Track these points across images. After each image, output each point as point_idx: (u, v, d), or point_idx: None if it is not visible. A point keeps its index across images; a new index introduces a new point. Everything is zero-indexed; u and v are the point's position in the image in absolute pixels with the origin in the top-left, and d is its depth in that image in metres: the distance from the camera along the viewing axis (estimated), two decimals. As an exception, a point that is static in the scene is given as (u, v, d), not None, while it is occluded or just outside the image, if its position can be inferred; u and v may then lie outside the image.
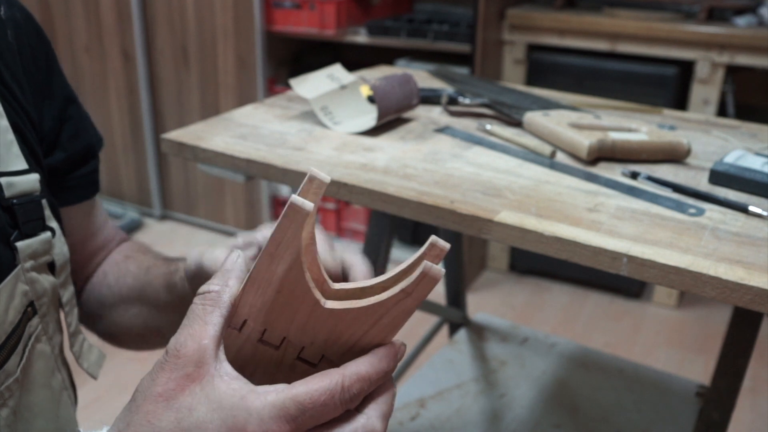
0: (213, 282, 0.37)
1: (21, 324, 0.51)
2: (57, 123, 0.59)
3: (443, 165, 0.83)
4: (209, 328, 0.36)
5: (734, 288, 0.58)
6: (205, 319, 0.36)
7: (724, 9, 1.99)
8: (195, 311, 0.37)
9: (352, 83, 1.01)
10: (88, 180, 0.63)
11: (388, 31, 2.14)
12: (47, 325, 0.55)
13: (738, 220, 0.70)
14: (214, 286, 0.37)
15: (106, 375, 1.81)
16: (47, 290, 0.54)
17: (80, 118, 0.62)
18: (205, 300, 0.37)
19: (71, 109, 0.61)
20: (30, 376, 0.53)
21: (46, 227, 0.54)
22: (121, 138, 2.66)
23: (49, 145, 0.58)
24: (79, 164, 0.61)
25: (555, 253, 0.66)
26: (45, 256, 0.54)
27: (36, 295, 0.53)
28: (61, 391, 0.58)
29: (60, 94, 0.60)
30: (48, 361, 0.55)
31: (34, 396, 0.54)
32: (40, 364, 0.54)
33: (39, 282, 0.53)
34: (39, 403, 0.55)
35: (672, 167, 0.85)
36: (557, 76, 2.10)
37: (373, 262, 1.14)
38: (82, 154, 0.62)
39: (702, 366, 1.92)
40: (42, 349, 0.54)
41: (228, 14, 2.27)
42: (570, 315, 2.16)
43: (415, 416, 1.22)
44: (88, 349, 0.62)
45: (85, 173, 0.62)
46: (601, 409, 1.25)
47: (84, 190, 0.63)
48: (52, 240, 0.54)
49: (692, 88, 1.97)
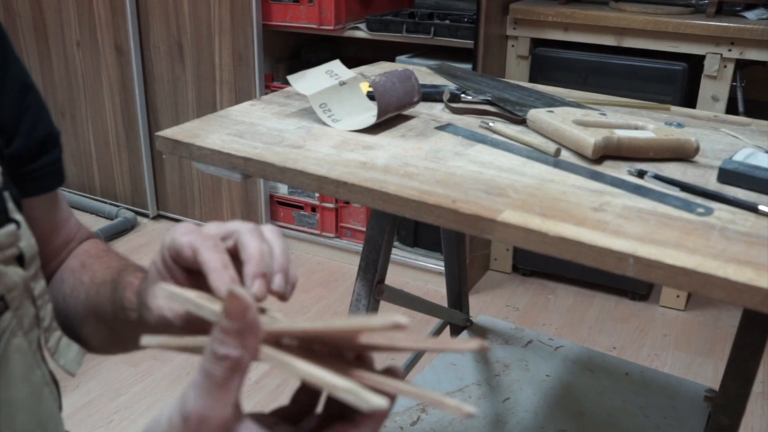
0: (229, 343, 0.34)
1: None
2: (16, 112, 0.58)
3: (445, 163, 0.82)
4: (231, 395, 0.34)
5: (744, 289, 0.57)
6: (226, 387, 0.34)
7: (734, 3, 1.97)
8: (214, 377, 0.34)
9: (351, 80, 0.99)
10: (51, 169, 0.62)
11: (388, 26, 2.13)
12: (21, 319, 0.54)
13: (748, 219, 0.69)
14: (233, 351, 0.34)
15: (97, 379, 1.80)
16: (17, 283, 0.53)
17: (39, 106, 0.61)
18: (225, 367, 0.34)
19: (30, 97, 0.60)
20: (8, 372, 0.53)
21: (10, 219, 0.53)
22: (115, 135, 2.64)
23: (9, 135, 0.57)
24: (41, 153, 0.60)
25: (559, 254, 0.65)
26: (11, 249, 0.53)
27: (6, 289, 0.52)
28: (42, 386, 0.57)
29: (18, 83, 0.59)
30: (26, 356, 0.55)
31: (13, 391, 0.53)
32: (18, 359, 0.54)
33: (7, 275, 0.52)
34: (19, 398, 0.54)
35: (680, 166, 0.84)
36: (562, 72, 2.07)
37: (374, 263, 1.12)
38: (44, 142, 0.60)
39: (711, 369, 1.89)
40: (18, 344, 0.54)
41: (224, 8, 2.25)
42: (575, 317, 2.14)
43: (416, 421, 1.21)
44: (66, 346, 0.60)
45: (48, 162, 0.61)
46: (607, 413, 1.22)
47: (48, 180, 0.62)
48: (17, 232, 0.53)
49: (701, 84, 1.94)
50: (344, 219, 2.42)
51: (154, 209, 2.70)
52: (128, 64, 2.47)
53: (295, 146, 0.86)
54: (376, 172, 0.78)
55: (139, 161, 2.62)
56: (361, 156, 0.83)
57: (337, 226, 2.43)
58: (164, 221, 2.70)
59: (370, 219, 1.12)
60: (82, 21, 2.52)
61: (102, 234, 2.48)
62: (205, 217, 2.60)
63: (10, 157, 0.57)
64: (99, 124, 2.65)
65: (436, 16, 2.18)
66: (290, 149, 0.85)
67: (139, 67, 2.47)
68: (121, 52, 2.48)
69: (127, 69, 2.49)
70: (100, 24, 2.48)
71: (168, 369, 1.82)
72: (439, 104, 1.06)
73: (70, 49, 2.59)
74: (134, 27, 2.41)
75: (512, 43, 2.13)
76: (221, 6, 2.26)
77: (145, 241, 2.56)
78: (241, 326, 0.34)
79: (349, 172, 0.78)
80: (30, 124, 0.59)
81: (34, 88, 0.61)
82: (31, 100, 0.60)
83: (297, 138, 0.89)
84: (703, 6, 1.96)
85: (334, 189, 0.77)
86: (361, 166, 0.80)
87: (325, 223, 2.42)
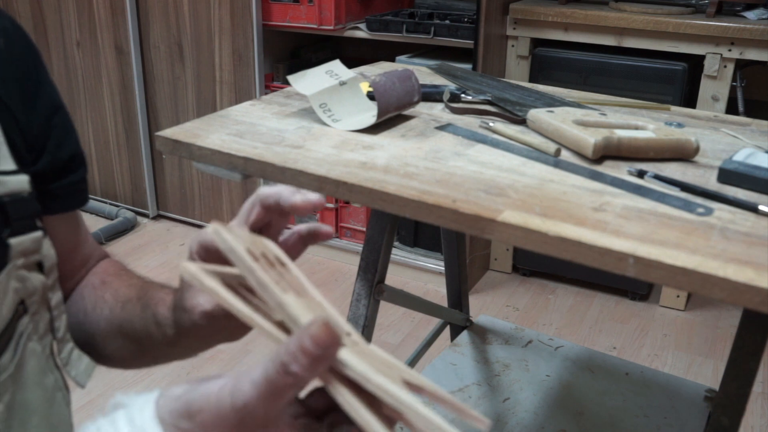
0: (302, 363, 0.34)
1: (13, 321, 0.52)
2: (44, 130, 0.59)
3: (445, 163, 0.82)
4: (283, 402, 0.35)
5: (744, 289, 0.57)
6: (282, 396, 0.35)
7: (734, 3, 1.96)
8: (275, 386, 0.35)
9: (351, 79, 0.99)
10: (75, 189, 0.63)
11: (388, 26, 2.12)
12: (37, 324, 0.56)
13: (748, 219, 0.69)
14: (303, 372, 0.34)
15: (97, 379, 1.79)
16: (37, 289, 0.55)
17: (67, 127, 0.63)
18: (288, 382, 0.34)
19: (58, 117, 0.61)
20: (23, 374, 0.54)
21: (36, 227, 0.55)
22: (115, 135, 2.64)
23: (37, 152, 0.59)
24: (66, 171, 0.62)
25: (559, 254, 0.65)
26: (35, 255, 0.55)
27: (27, 293, 0.54)
28: (55, 391, 0.59)
29: (48, 102, 0.60)
30: (40, 360, 0.56)
31: (27, 394, 0.55)
32: (32, 362, 0.55)
33: (29, 280, 0.54)
34: (33, 401, 0.55)
35: (680, 166, 0.83)
36: (562, 72, 2.07)
37: (374, 263, 1.12)
38: (69, 161, 0.62)
39: (711, 369, 1.89)
40: (33, 348, 0.55)
41: (224, 8, 2.25)
42: (575, 317, 2.14)
43: (417, 420, 1.20)
44: (78, 358, 0.62)
45: (73, 182, 0.62)
46: (607, 413, 1.22)
47: (71, 199, 0.63)
48: (42, 239, 0.55)
49: (701, 84, 1.94)
50: (344, 219, 2.42)
51: (154, 209, 2.69)
52: (128, 64, 2.47)
53: (295, 146, 0.86)
54: (376, 172, 0.78)
55: (139, 161, 2.62)
56: (361, 156, 0.83)
57: (337, 226, 2.43)
58: (164, 221, 2.70)
59: (370, 219, 1.12)
60: (82, 21, 2.51)
61: (102, 234, 2.48)
62: (205, 217, 2.60)
63: (36, 175, 0.58)
64: (99, 124, 2.65)
65: (436, 16, 2.18)
66: (290, 149, 0.85)
67: (139, 67, 2.47)
68: (121, 52, 2.48)
69: (127, 69, 2.49)
70: (100, 24, 2.48)
71: (168, 369, 1.82)
72: (439, 104, 1.06)
73: (70, 49, 2.59)
74: (134, 27, 2.41)
75: (512, 43, 2.13)
76: (221, 6, 2.25)
77: (145, 241, 2.55)
78: (320, 355, 0.34)
79: (349, 172, 0.78)
80: (56, 143, 0.60)
81: (63, 108, 0.62)
82: (59, 120, 0.61)
83: (297, 138, 0.89)
84: (703, 6, 1.96)
85: (334, 189, 0.77)
86: (361, 166, 0.80)
87: (325, 223, 2.42)
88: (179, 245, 2.52)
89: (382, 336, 1.98)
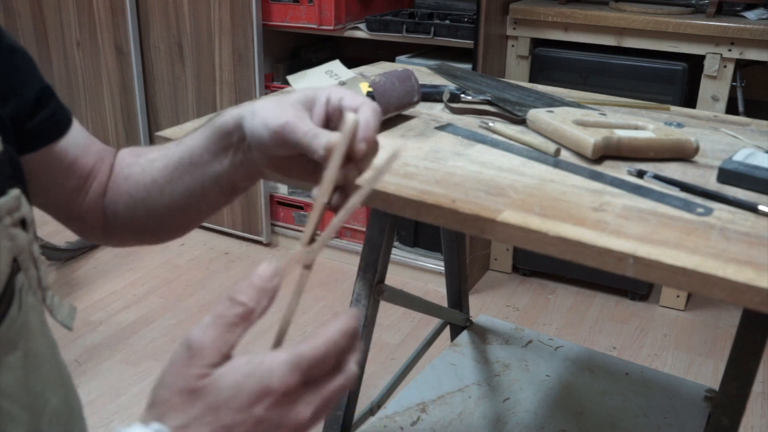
0: (249, 294, 0.41)
1: (11, 277, 0.53)
2: (6, 74, 0.59)
3: (445, 163, 0.82)
4: (232, 338, 0.41)
5: (744, 289, 0.57)
6: (231, 330, 0.41)
7: (734, 3, 1.96)
8: (224, 318, 0.41)
9: (351, 79, 0.99)
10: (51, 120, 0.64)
11: (388, 26, 2.12)
12: (30, 280, 0.57)
13: (747, 219, 0.69)
14: (250, 302, 0.41)
15: (97, 379, 1.80)
16: (25, 246, 0.56)
17: (28, 65, 0.63)
18: (236, 312, 0.41)
19: (16, 58, 0.61)
20: (29, 325, 0.56)
21: (13, 184, 0.55)
22: (115, 135, 2.64)
23: (3, 98, 0.59)
24: (37, 108, 0.62)
25: (559, 254, 0.65)
26: (17, 212, 0.55)
27: (18, 251, 0.55)
28: (53, 340, 0.61)
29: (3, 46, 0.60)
30: (38, 313, 0.58)
31: (36, 343, 0.57)
32: (33, 316, 0.57)
33: (18, 238, 0.55)
34: (42, 350, 0.58)
35: (680, 166, 0.83)
36: (562, 72, 2.07)
37: (373, 263, 1.12)
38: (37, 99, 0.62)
39: (711, 369, 1.89)
40: (32, 302, 0.57)
41: (224, 8, 2.25)
42: (575, 317, 2.14)
43: (416, 421, 1.20)
44: (59, 303, 0.64)
45: (46, 117, 0.63)
46: (607, 413, 1.22)
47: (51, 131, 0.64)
48: (20, 195, 0.56)
49: (701, 84, 1.94)
50: (344, 219, 2.41)
51: (154, 209, 2.69)
52: (128, 64, 2.47)
53: (294, 146, 0.86)
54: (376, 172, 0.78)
55: (139, 161, 2.62)
56: (361, 156, 0.83)
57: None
58: (164, 221, 2.70)
59: (370, 219, 1.12)
60: (82, 21, 2.51)
61: (102, 234, 2.48)
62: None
63: (8, 119, 0.58)
64: (99, 124, 2.65)
65: (436, 16, 2.18)
66: (290, 149, 0.85)
67: (139, 67, 2.47)
68: (121, 52, 2.48)
69: (127, 69, 2.49)
70: (100, 24, 2.48)
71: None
72: (439, 104, 1.06)
73: (70, 49, 2.59)
74: (134, 27, 2.41)
75: (512, 43, 2.13)
76: (221, 6, 2.25)
77: (145, 241, 2.55)
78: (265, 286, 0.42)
79: (348, 172, 0.78)
80: (20, 84, 0.60)
81: (19, 48, 0.62)
82: (18, 60, 0.61)
83: (297, 138, 0.89)
84: (703, 6, 1.96)
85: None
86: (361, 166, 0.80)
87: (325, 223, 2.41)
88: (179, 245, 2.52)
89: (382, 336, 1.98)
